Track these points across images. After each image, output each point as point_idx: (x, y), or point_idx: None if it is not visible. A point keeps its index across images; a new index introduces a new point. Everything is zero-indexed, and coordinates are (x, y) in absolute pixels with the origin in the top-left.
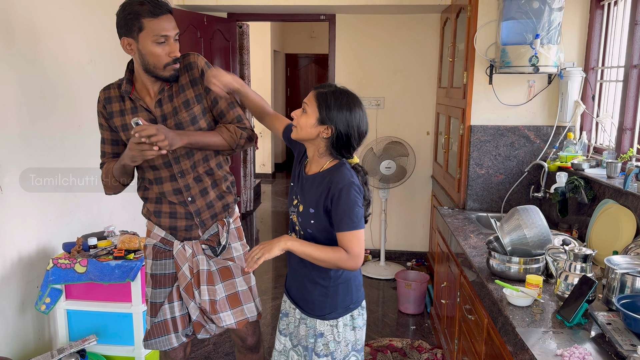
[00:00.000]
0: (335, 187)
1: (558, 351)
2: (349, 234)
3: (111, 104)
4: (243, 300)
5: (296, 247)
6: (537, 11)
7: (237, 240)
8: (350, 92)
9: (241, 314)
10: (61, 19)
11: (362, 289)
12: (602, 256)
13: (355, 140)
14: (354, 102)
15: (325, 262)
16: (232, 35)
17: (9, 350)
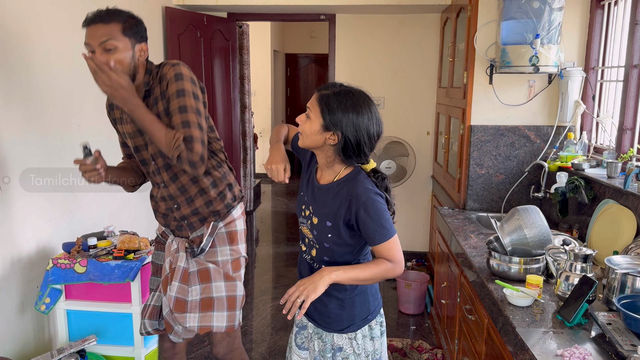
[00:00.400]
0: (357, 202)
1: (558, 351)
2: (387, 244)
3: (113, 111)
4: (215, 307)
5: (341, 276)
6: (537, 11)
7: (226, 244)
8: (357, 90)
9: (207, 320)
10: (61, 19)
11: (379, 296)
12: (603, 256)
13: (366, 145)
14: (361, 102)
15: (374, 279)
16: (232, 35)
17: (9, 350)
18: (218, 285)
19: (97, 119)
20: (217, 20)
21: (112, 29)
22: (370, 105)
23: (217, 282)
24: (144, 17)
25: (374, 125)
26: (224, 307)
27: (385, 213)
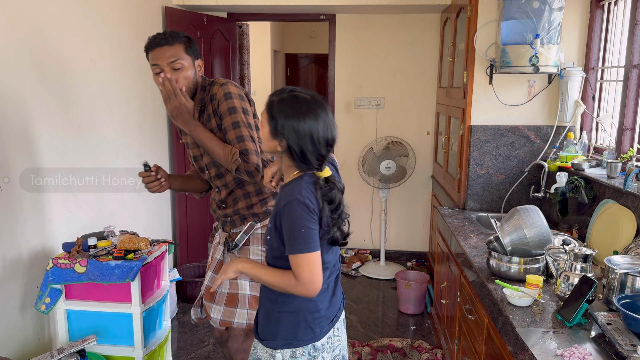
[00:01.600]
0: (281, 204)
1: (558, 351)
2: (294, 258)
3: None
4: (239, 304)
5: (247, 269)
6: (537, 11)
7: (259, 244)
8: (303, 97)
9: (229, 315)
10: (61, 19)
11: (319, 329)
12: (602, 256)
13: (310, 153)
14: (304, 108)
15: (275, 287)
16: (232, 35)
17: (9, 350)
18: (243, 283)
19: (97, 118)
20: (217, 20)
21: (177, 50)
22: (314, 111)
23: (242, 280)
24: (144, 17)
25: (318, 131)
26: (246, 305)
27: (301, 224)
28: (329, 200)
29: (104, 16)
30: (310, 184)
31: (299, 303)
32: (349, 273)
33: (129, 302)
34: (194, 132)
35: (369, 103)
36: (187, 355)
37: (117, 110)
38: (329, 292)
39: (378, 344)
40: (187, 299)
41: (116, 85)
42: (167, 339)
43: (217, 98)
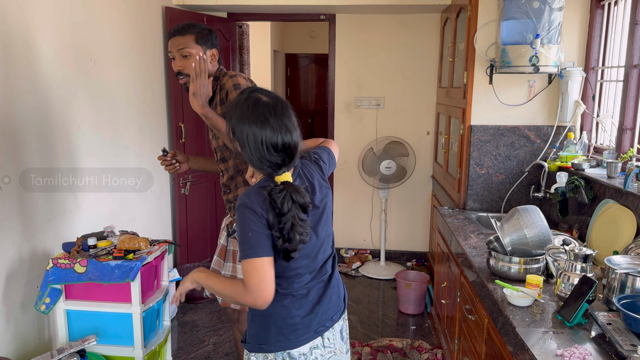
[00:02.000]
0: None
1: (558, 351)
2: (243, 264)
3: None
4: None
5: (201, 279)
6: (537, 11)
7: None
8: (259, 99)
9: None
10: (61, 19)
11: (294, 337)
12: (603, 256)
13: (255, 158)
14: (251, 112)
15: (226, 297)
16: (232, 35)
17: (9, 350)
18: (240, 267)
19: (97, 118)
20: (217, 20)
21: (188, 39)
22: (263, 115)
23: (239, 265)
24: (143, 17)
25: (264, 136)
26: None
27: (248, 228)
28: (274, 206)
29: (103, 16)
30: (262, 187)
31: (270, 307)
32: (349, 273)
33: (129, 302)
34: (207, 114)
35: (369, 103)
36: (187, 355)
37: (117, 110)
38: (308, 299)
39: (378, 344)
40: (187, 299)
41: (116, 85)
42: (167, 339)
43: (225, 88)
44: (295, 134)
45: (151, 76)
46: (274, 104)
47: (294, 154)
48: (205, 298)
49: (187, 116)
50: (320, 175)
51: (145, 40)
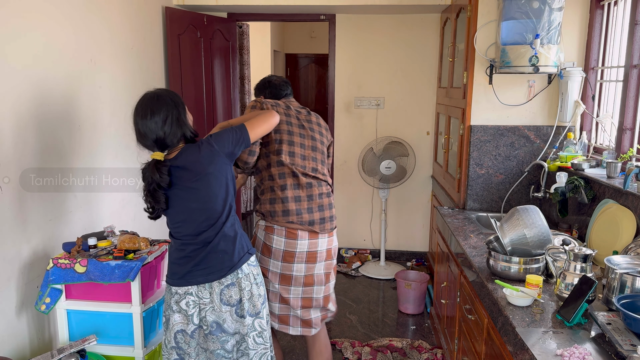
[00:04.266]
0: None
1: (558, 351)
2: None
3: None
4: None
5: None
6: (537, 11)
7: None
8: (148, 93)
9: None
10: (61, 19)
11: (171, 275)
12: (602, 256)
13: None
14: (137, 104)
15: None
16: (232, 35)
17: (9, 350)
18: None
19: (97, 118)
20: (217, 20)
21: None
22: (137, 108)
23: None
24: (144, 17)
25: (136, 124)
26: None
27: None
28: (142, 176)
29: (104, 16)
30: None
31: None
32: (349, 273)
33: (129, 302)
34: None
35: (369, 103)
36: None
37: (117, 110)
38: (185, 252)
39: (378, 344)
40: None
41: (116, 85)
42: None
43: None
44: (156, 126)
45: (151, 76)
46: (149, 100)
47: (155, 140)
48: None
49: None
50: (207, 157)
51: (145, 40)
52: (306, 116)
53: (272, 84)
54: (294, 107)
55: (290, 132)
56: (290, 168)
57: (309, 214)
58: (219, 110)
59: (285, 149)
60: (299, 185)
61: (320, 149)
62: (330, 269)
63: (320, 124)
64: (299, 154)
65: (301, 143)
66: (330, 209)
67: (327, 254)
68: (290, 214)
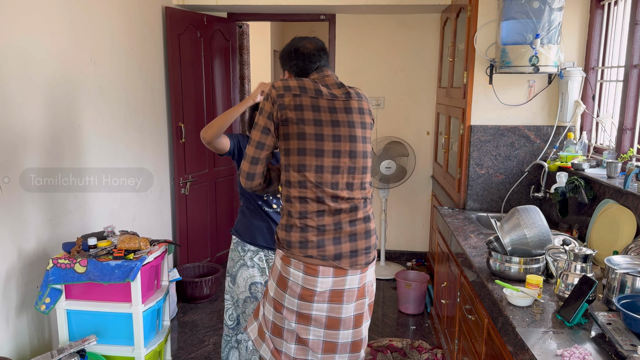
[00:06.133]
0: None
1: (558, 351)
2: None
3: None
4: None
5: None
6: (537, 11)
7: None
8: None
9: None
10: (61, 19)
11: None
12: (603, 256)
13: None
14: None
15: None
16: (232, 35)
17: (9, 350)
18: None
19: (97, 118)
20: (217, 20)
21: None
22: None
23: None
24: (144, 17)
25: None
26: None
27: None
28: None
29: (104, 16)
30: None
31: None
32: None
33: (129, 302)
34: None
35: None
36: (187, 355)
37: (117, 111)
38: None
39: (378, 344)
40: (187, 299)
41: (116, 85)
42: (167, 339)
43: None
44: None
45: (151, 76)
46: None
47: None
48: (205, 297)
49: (187, 116)
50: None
51: (145, 40)
52: (345, 102)
53: (299, 53)
54: (327, 89)
55: (318, 135)
56: (315, 192)
57: (334, 246)
58: (219, 110)
59: (309, 162)
60: (325, 212)
61: (361, 151)
62: (362, 309)
63: (364, 109)
64: (330, 167)
65: (334, 150)
66: (367, 238)
67: (359, 292)
68: (310, 247)
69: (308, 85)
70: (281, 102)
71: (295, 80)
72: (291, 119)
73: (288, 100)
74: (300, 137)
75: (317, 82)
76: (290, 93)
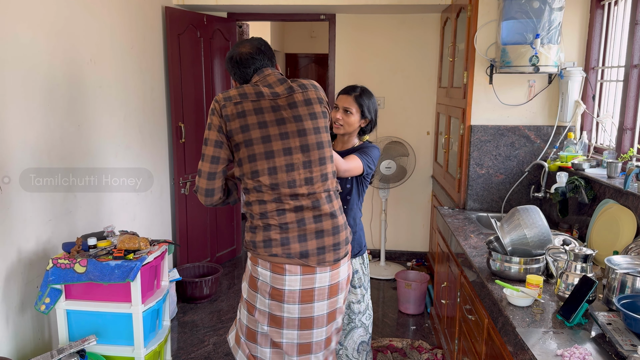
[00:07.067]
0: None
1: (558, 351)
2: (358, 160)
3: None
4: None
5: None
6: (537, 11)
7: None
8: (365, 86)
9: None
10: (61, 19)
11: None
12: (603, 256)
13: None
14: (372, 93)
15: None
16: (232, 35)
17: (9, 350)
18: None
19: (97, 118)
20: (217, 20)
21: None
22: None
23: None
24: (144, 17)
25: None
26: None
27: (371, 159)
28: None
29: (104, 16)
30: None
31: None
32: None
33: (129, 302)
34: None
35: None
36: (187, 355)
37: (117, 110)
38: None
39: (378, 344)
40: (187, 299)
41: (116, 85)
42: (167, 339)
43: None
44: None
45: (151, 76)
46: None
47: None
48: (205, 297)
49: (187, 116)
50: None
51: (145, 40)
52: (287, 97)
53: (233, 61)
54: (270, 88)
55: (265, 137)
56: (271, 195)
57: (300, 244)
58: None
59: (261, 167)
60: (286, 210)
61: (314, 143)
62: (335, 306)
63: (311, 99)
64: (283, 166)
65: (284, 148)
66: (335, 234)
67: (332, 290)
68: (274, 245)
69: (248, 90)
70: (225, 113)
71: (236, 89)
72: (236, 129)
73: (230, 109)
74: (247, 144)
75: (257, 85)
76: (231, 102)
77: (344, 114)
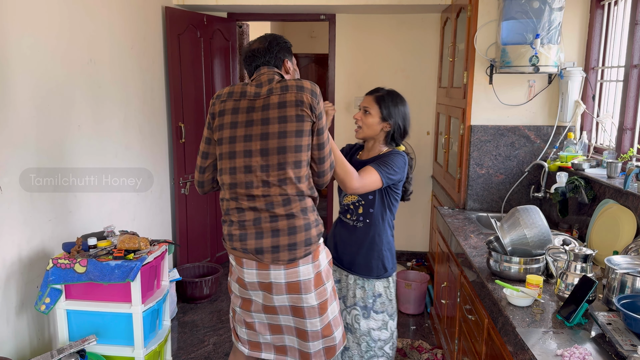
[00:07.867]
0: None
1: (558, 351)
2: (373, 170)
3: None
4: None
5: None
6: (537, 11)
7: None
8: (396, 91)
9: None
10: (61, 19)
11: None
12: (603, 256)
13: (409, 128)
14: (403, 98)
15: (338, 166)
16: (232, 35)
17: (9, 350)
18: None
19: (97, 119)
20: (217, 20)
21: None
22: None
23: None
24: (144, 17)
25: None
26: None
27: (396, 167)
28: (410, 165)
29: (103, 16)
30: (402, 154)
31: (390, 238)
32: None
33: (129, 302)
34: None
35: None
36: (187, 355)
37: (117, 111)
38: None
39: None
40: (187, 299)
41: (116, 85)
42: (167, 339)
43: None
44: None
45: (151, 76)
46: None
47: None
48: (205, 297)
49: (187, 116)
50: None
51: (145, 40)
52: (265, 99)
53: (242, 57)
54: (258, 88)
55: (232, 138)
56: (229, 193)
57: (256, 241)
58: None
59: (225, 165)
60: (244, 209)
61: (275, 147)
62: (300, 303)
63: (286, 102)
64: (242, 167)
65: (245, 150)
66: (291, 235)
67: (290, 288)
68: (234, 239)
69: (236, 89)
70: (212, 110)
71: (228, 87)
72: (216, 126)
73: (217, 107)
74: (220, 143)
75: (246, 84)
76: (219, 100)
77: (363, 114)
